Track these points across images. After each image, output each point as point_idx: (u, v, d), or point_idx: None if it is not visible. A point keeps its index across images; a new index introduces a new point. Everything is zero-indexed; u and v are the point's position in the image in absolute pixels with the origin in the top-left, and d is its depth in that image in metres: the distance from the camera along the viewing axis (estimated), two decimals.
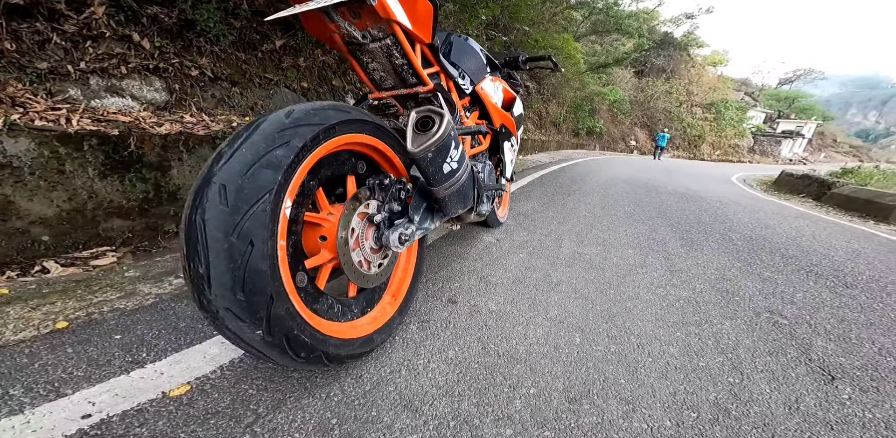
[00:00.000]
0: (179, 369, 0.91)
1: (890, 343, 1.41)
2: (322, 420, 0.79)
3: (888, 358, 1.28)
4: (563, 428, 0.82)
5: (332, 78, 4.34)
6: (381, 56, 1.19)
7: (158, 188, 2.13)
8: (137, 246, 2.01)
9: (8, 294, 1.15)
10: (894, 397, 1.04)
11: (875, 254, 3.03)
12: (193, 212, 0.65)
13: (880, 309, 1.78)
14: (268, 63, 3.66)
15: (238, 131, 0.75)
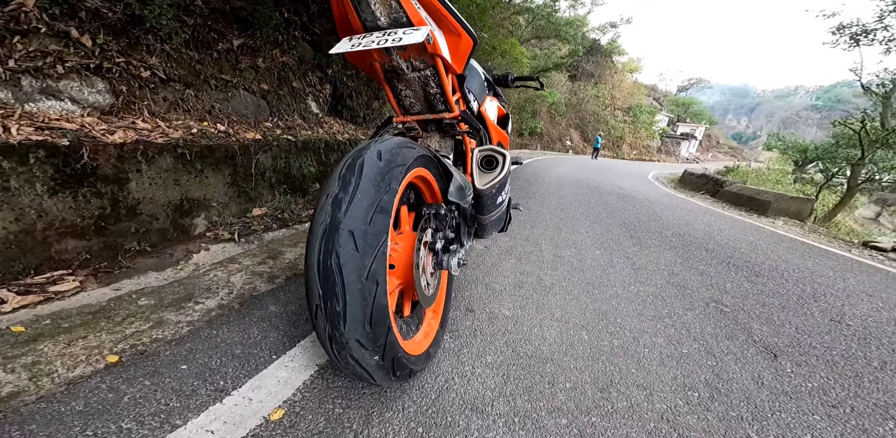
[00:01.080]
0: (263, 394, 0.95)
1: (800, 322, 1.82)
2: (410, 429, 0.89)
3: (804, 335, 1.68)
4: (605, 413, 1.00)
5: (292, 79, 4.18)
6: (417, 84, 1.27)
7: (116, 203, 1.98)
8: (97, 267, 1.86)
9: (26, 331, 1.06)
10: (819, 367, 1.39)
11: (767, 245, 3.72)
12: (328, 256, 0.72)
13: (785, 293, 2.25)
14: (224, 63, 3.45)
15: (342, 173, 0.81)
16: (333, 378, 1.04)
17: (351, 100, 5.20)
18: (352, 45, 1.04)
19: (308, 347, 1.17)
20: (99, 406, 0.86)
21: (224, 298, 1.39)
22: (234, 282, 1.51)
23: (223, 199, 2.75)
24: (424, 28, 1.03)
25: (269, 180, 3.22)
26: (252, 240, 2.66)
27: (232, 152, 2.78)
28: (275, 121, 3.83)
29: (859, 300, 2.26)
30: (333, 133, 4.41)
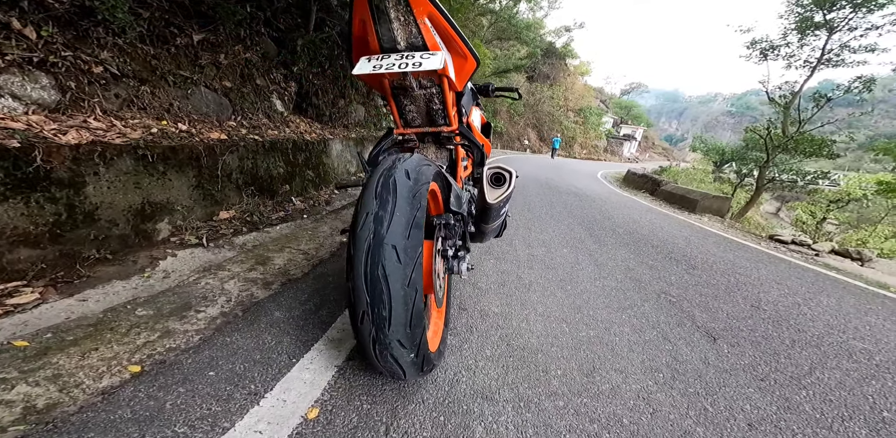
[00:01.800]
0: (295, 395, 1.02)
1: (730, 308, 2.15)
2: (433, 418, 1.00)
3: (733, 320, 1.99)
4: (593, 395, 1.17)
5: (256, 76, 4.03)
6: (422, 100, 1.36)
7: (72, 209, 1.87)
8: (54, 278, 1.76)
9: (31, 345, 1.03)
10: (747, 347, 1.66)
11: (698, 240, 4.23)
12: (374, 268, 0.82)
13: (716, 283, 2.63)
14: (182, 59, 3.27)
15: (378, 191, 0.90)
16: (353, 377, 1.12)
17: (317, 99, 5.09)
18: (373, 66, 1.12)
19: (322, 350, 1.23)
20: (146, 413, 0.90)
21: (224, 306, 1.40)
22: (229, 290, 1.52)
23: (188, 202, 2.65)
24: (440, 53, 1.13)
25: (235, 182, 3.13)
26: (222, 245, 2.60)
27: (196, 153, 2.68)
28: (239, 120, 3.69)
29: (770, 288, 2.70)
30: (301, 132, 4.32)
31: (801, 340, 1.78)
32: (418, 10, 1.12)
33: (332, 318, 1.43)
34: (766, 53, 13.15)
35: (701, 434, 1.05)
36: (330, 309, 1.49)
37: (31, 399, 0.88)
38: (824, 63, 12.06)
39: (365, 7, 1.11)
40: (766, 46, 13.01)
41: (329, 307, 1.51)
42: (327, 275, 1.79)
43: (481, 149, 1.50)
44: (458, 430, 0.98)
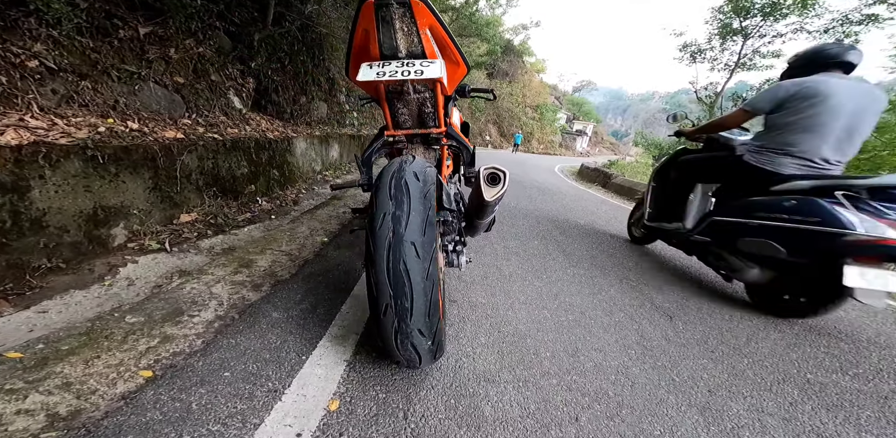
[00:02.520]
0: (313, 390, 1.06)
1: (680, 290, 2.41)
2: (444, 402, 1.08)
3: (682, 299, 2.22)
4: (581, 372, 1.29)
5: (210, 72, 3.82)
6: (415, 104, 1.41)
7: (17, 215, 1.75)
8: (3, 290, 1.64)
9: (26, 356, 0.97)
10: (696, 324, 1.86)
11: None
12: (396, 263, 0.88)
13: (665, 267, 2.91)
14: (127, 53, 3.04)
15: (392, 193, 0.95)
16: (363, 370, 1.17)
17: (277, 95, 4.89)
18: (376, 73, 1.16)
19: (328, 346, 1.26)
20: (176, 414, 0.92)
21: (218, 310, 1.38)
22: (218, 294, 1.49)
23: (144, 206, 2.51)
24: (438, 62, 1.19)
25: (195, 183, 2.98)
26: (187, 249, 2.49)
27: (151, 153, 2.54)
28: (194, 117, 3.49)
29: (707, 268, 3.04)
30: (262, 130, 4.16)
31: (736, 315, 2.05)
32: (421, 22, 1.17)
33: (331, 316, 1.45)
34: (694, 56, 14.38)
35: (673, 401, 1.20)
36: (326, 308, 1.51)
37: (49, 407, 0.87)
38: (740, 66, 13.42)
39: (371, 18, 1.15)
40: (695, 50, 14.24)
41: (325, 305, 1.53)
42: (316, 275, 1.79)
43: (469, 150, 1.58)
44: (468, 411, 1.06)
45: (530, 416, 1.06)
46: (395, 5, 1.13)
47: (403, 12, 1.15)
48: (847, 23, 8.83)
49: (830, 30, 9.32)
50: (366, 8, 1.15)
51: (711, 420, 1.13)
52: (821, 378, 1.44)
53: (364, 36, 1.25)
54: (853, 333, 1.94)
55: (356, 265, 1.98)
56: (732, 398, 1.26)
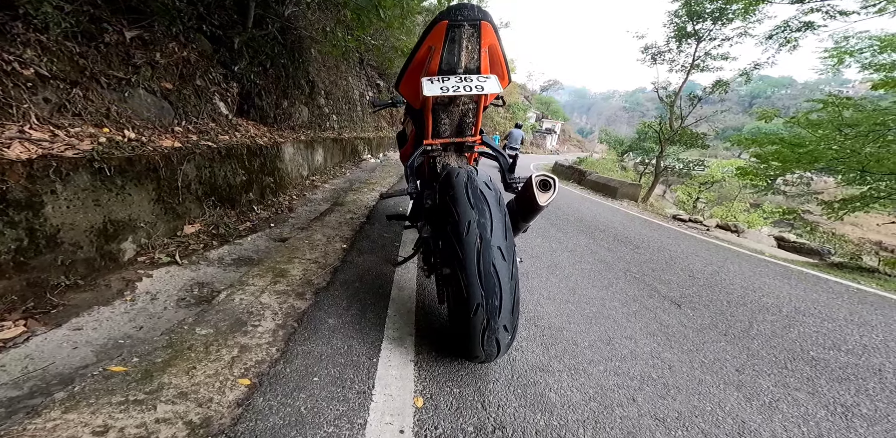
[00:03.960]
0: (395, 389, 1.13)
1: (676, 279, 2.59)
2: (513, 391, 1.17)
3: (683, 288, 2.42)
4: (620, 358, 1.41)
5: (195, 77, 3.71)
6: (457, 114, 1.49)
7: (33, 232, 1.71)
8: (27, 309, 1.61)
9: (129, 369, 1.03)
10: (702, 310, 2.03)
11: (629, 223, 4.90)
12: (487, 266, 0.96)
13: (658, 259, 3.13)
14: (114, 58, 2.93)
15: (472, 202, 1.03)
16: (430, 368, 1.25)
17: (260, 100, 4.78)
18: (440, 88, 1.24)
19: (391, 348, 1.32)
20: (293, 419, 0.97)
21: (275, 319, 1.40)
22: (268, 303, 1.51)
23: (150, 218, 2.45)
24: (493, 77, 1.28)
25: (195, 193, 2.93)
26: (197, 261, 2.47)
27: (154, 164, 2.49)
28: (184, 124, 3.39)
29: (693, 259, 3.29)
30: (251, 136, 4.07)
31: (732, 301, 2.26)
32: (484, 41, 1.26)
33: (381, 320, 1.51)
34: (655, 58, 15.17)
35: (710, 380, 1.34)
36: (374, 312, 1.56)
37: (181, 415, 0.90)
38: (695, 67, 14.31)
39: (441, 36, 1.23)
40: (655, 52, 15.03)
41: (372, 310, 1.58)
42: (352, 282, 1.83)
43: (505, 157, 1.67)
44: (537, 398, 1.16)
45: (592, 399, 1.17)
46: (466, 26, 1.22)
47: (472, 32, 1.24)
48: (788, 29, 9.63)
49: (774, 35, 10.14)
50: (439, 27, 1.22)
51: (750, 396, 1.27)
52: (822, 355, 1.64)
53: (427, 52, 1.32)
54: (830, 314, 2.20)
55: (385, 270, 2.03)
56: (759, 376, 1.41)
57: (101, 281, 2.02)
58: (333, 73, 7.50)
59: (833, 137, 8.24)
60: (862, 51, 7.62)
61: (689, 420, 1.12)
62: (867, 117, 7.87)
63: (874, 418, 1.23)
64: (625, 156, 25.86)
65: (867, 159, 7.35)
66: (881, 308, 2.43)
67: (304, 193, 4.68)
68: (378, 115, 10.23)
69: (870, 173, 7.73)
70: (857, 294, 2.75)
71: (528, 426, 1.04)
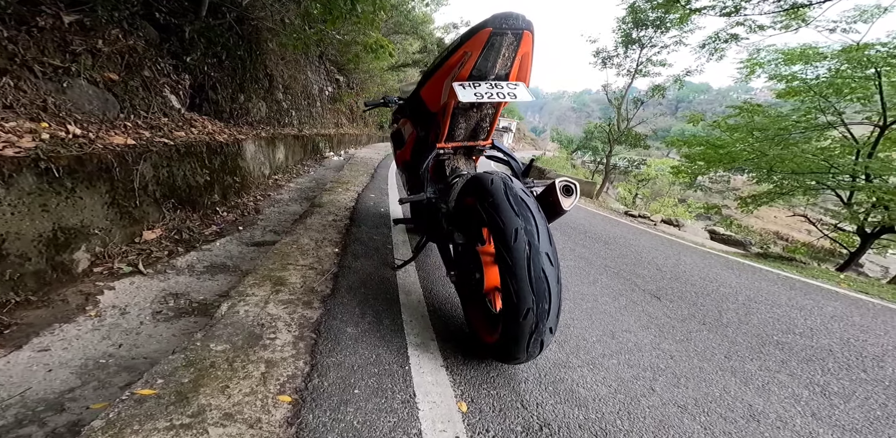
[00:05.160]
0: (436, 396, 1.13)
1: (647, 273, 2.79)
2: (544, 386, 1.22)
3: (657, 281, 2.63)
4: (628, 350, 1.50)
5: (143, 67, 3.34)
6: (474, 119, 1.49)
7: None
8: None
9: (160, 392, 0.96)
10: (679, 302, 2.20)
11: (594, 220, 5.20)
12: (538, 271, 0.97)
13: (627, 254, 3.35)
14: (49, 44, 2.58)
15: (516, 209, 1.04)
16: (462, 372, 1.26)
17: (215, 93, 4.41)
18: (474, 94, 1.23)
19: (418, 355, 1.30)
20: (350, 434, 0.95)
21: (290, 330, 1.32)
22: (277, 314, 1.42)
23: (104, 224, 2.21)
24: (522, 84, 1.30)
25: (153, 195, 2.67)
26: (163, 270, 2.27)
27: (106, 163, 2.24)
28: (132, 119, 3.06)
29: (656, 253, 3.56)
30: (209, 132, 3.75)
31: (698, 292, 2.47)
32: (521, 50, 1.27)
33: (399, 326, 1.48)
34: (605, 61, 16.14)
35: (708, 368, 1.47)
36: (390, 319, 1.52)
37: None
38: (638, 72, 15.46)
39: (481, 43, 1.21)
40: (605, 56, 15.99)
41: (387, 316, 1.54)
42: (357, 288, 1.76)
43: (517, 161, 1.70)
44: (569, 394, 1.20)
45: (618, 391, 1.24)
46: (509, 34, 1.22)
47: (513, 41, 1.24)
48: (717, 40, 10.72)
49: (706, 45, 11.23)
50: (482, 34, 1.21)
51: (745, 381, 1.40)
52: (784, 339, 1.84)
53: (460, 57, 1.30)
54: (775, 300, 2.50)
55: (386, 274, 1.98)
56: (744, 361, 1.56)
57: (54, 295, 1.79)
58: (292, 67, 7.12)
59: (747, 140, 9.34)
60: (770, 63, 8.67)
61: (706, 406, 1.21)
62: (772, 122, 9.03)
63: (845, 395, 1.40)
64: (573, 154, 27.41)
65: (773, 160, 8.41)
66: (809, 293, 2.80)
67: (268, 193, 4.42)
68: (337, 111, 9.87)
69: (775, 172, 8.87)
70: (787, 281, 3.14)
71: (570, 421, 1.08)
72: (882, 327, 2.14)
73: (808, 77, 8.17)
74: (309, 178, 5.67)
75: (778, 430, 1.15)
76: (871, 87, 7.26)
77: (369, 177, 5.30)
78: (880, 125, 7.47)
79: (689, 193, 23.21)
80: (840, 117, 8.31)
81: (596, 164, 20.45)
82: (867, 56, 6.91)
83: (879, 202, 7.00)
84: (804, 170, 8.10)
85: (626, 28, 14.55)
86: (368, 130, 13.24)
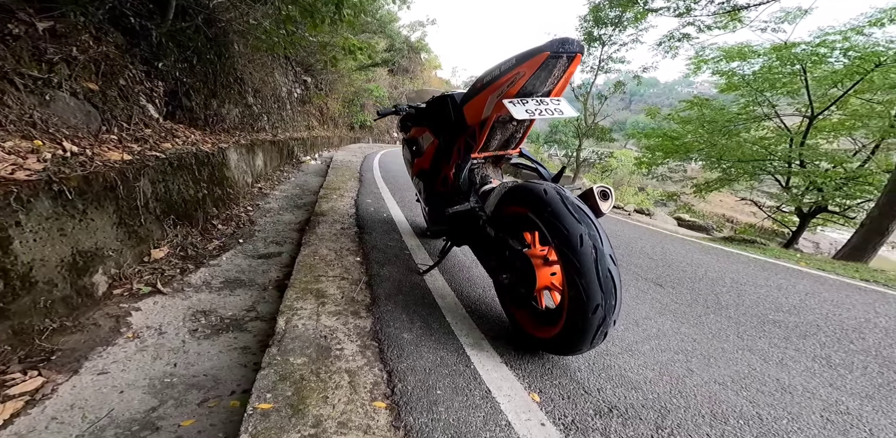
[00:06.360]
0: (508, 390, 1.23)
1: (643, 262, 3.05)
2: (600, 375, 1.34)
3: (657, 270, 2.86)
4: (655, 336, 1.65)
5: (118, 75, 3.17)
6: (510, 131, 1.59)
7: (6, 273, 1.48)
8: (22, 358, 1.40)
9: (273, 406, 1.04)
10: (680, 288, 2.39)
11: None
12: (605, 271, 1.09)
13: (620, 245, 3.55)
14: (24, 53, 2.43)
15: (578, 216, 1.16)
16: (521, 366, 1.37)
17: (188, 100, 4.22)
18: (525, 111, 1.33)
19: (476, 354, 1.40)
20: (453, 432, 1.03)
21: (352, 340, 1.37)
22: (333, 326, 1.46)
23: (115, 245, 2.15)
24: (564, 100, 1.41)
25: (154, 212, 2.59)
26: (181, 288, 2.24)
27: (110, 181, 2.17)
28: (117, 131, 2.92)
29: (642, 242, 3.84)
30: (193, 142, 3.61)
31: (691, 277, 2.71)
32: (570, 70, 1.37)
33: (448, 329, 1.56)
34: None
35: (729, 347, 1.64)
36: (438, 323, 1.60)
37: None
38: (600, 69, 16.16)
39: (536, 65, 1.29)
40: None
41: (434, 321, 1.62)
42: (394, 295, 1.82)
43: (545, 168, 1.81)
44: (622, 379, 1.32)
45: (663, 374, 1.39)
46: (564, 57, 1.31)
47: (565, 63, 1.34)
48: (672, 38, 11.43)
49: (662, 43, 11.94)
50: (539, 57, 1.28)
51: (765, 358, 1.59)
52: (777, 317, 2.07)
53: (512, 77, 1.38)
54: (755, 281, 2.79)
55: (415, 280, 2.05)
56: (755, 339, 1.76)
57: (84, 320, 1.75)
58: (260, 70, 6.89)
59: (698, 132, 10.13)
60: (713, 60, 9.43)
61: (742, 382, 1.38)
62: (719, 114, 9.85)
63: (847, 365, 1.60)
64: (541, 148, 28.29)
65: (722, 150, 9.21)
66: (779, 272, 3.13)
67: (256, 203, 4.31)
68: (307, 114, 9.63)
69: (724, 161, 9.69)
70: (756, 262, 3.49)
71: (633, 402, 1.21)
72: (849, 301, 2.46)
73: (745, 73, 8.96)
74: (292, 185, 5.57)
75: (811, 400, 1.31)
76: (797, 82, 8.09)
77: (357, 182, 5.28)
78: (808, 116, 8.33)
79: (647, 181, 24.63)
80: (774, 109, 9.19)
81: (568, 158, 21.35)
82: (794, 54, 7.69)
83: (813, 185, 7.81)
84: (748, 158, 8.89)
85: (587, 26, 15.13)
86: (340, 132, 13.01)
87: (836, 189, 7.60)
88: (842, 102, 7.92)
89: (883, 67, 6.72)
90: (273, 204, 4.40)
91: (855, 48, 7.16)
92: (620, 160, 23.58)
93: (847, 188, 7.66)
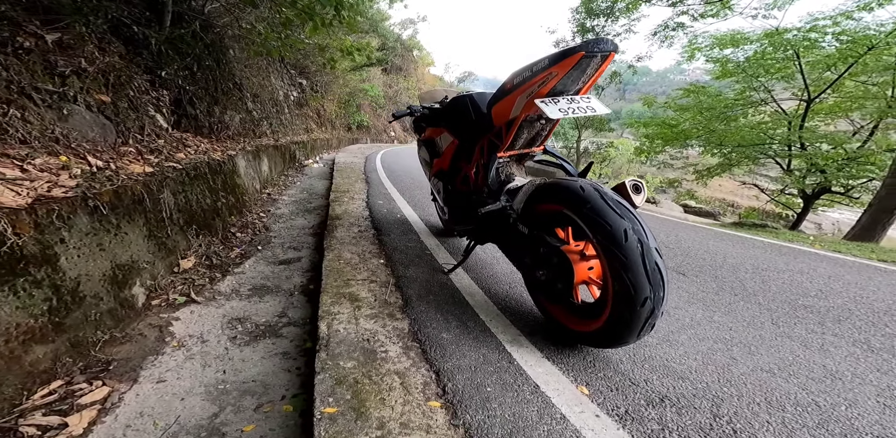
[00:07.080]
0: (555, 385, 1.25)
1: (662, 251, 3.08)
2: (644, 366, 1.36)
3: (673, 258, 2.90)
4: (689, 325, 1.67)
5: (126, 86, 3.17)
6: (536, 129, 1.60)
7: (57, 289, 1.53)
8: (83, 369, 1.44)
9: (337, 411, 1.07)
10: (704, 276, 2.40)
11: None
12: (652, 264, 1.11)
13: None
14: (36, 67, 2.43)
15: (619, 212, 1.17)
16: (562, 361, 1.39)
17: (193, 108, 4.21)
18: (559, 109, 1.34)
19: (516, 351, 1.42)
20: (511, 427, 1.06)
21: (395, 342, 1.41)
22: (373, 329, 1.49)
23: (148, 257, 2.18)
24: (594, 97, 1.42)
25: (178, 223, 2.61)
26: (213, 297, 2.27)
27: (137, 195, 2.19)
28: (132, 143, 2.92)
29: (656, 232, 3.86)
30: (203, 151, 3.62)
31: (712, 265, 2.74)
32: (601, 69, 1.38)
33: (484, 328, 1.58)
34: None
35: (767, 335, 1.66)
36: (473, 322, 1.62)
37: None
38: None
39: (570, 65, 1.30)
40: (564, 46, 16.53)
41: (469, 320, 1.64)
42: (426, 296, 1.84)
43: (571, 164, 1.82)
44: (665, 370, 1.34)
45: (707, 363, 1.40)
46: (598, 57, 1.32)
47: (599, 62, 1.34)
48: (667, 28, 11.38)
49: (657, 33, 11.87)
50: (574, 57, 1.28)
51: (804, 344, 1.60)
52: (807, 302, 2.08)
53: (545, 76, 1.39)
54: (776, 266, 2.81)
55: (442, 280, 2.07)
56: (791, 326, 1.77)
57: (130, 331, 1.79)
58: (257, 74, 6.86)
59: (696, 118, 10.14)
60: (706, 47, 9.44)
61: (790, 370, 1.40)
62: (716, 101, 9.85)
63: (889, 350, 1.60)
64: None
65: (721, 135, 9.24)
66: (797, 256, 3.16)
67: (267, 209, 4.32)
68: (305, 116, 9.60)
69: (724, 146, 9.71)
70: (772, 247, 3.51)
71: (683, 392, 1.23)
72: (872, 283, 2.48)
73: (739, 59, 8.97)
74: (298, 189, 5.58)
75: (862, 386, 1.32)
76: (791, 67, 8.12)
77: (365, 184, 5.28)
78: (805, 99, 8.35)
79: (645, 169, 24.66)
80: (770, 94, 9.20)
81: (568, 150, 21.42)
82: (786, 39, 7.71)
83: (815, 167, 7.84)
84: (747, 142, 8.91)
85: (579, 18, 15.03)
86: (338, 133, 12.97)
87: (838, 170, 7.63)
88: (837, 85, 7.93)
89: (876, 50, 6.74)
90: (283, 209, 4.42)
91: (846, 32, 7.17)
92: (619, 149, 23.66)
93: (849, 168, 7.69)
